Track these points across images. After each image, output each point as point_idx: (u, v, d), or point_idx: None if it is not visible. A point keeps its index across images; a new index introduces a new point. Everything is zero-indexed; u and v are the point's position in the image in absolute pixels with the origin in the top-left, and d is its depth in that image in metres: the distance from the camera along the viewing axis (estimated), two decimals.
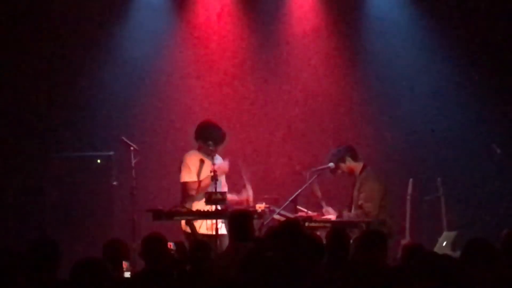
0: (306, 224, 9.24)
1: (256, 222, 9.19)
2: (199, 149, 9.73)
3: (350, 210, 9.76)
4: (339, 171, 9.86)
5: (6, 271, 6.11)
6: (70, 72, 11.84)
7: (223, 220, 9.19)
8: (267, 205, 9.49)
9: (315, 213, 9.61)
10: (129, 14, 12.10)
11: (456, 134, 11.95)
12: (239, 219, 7.72)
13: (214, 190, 9.16)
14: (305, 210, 9.61)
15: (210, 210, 9.20)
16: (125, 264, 7.37)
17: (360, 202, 9.64)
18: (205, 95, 12.19)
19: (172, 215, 9.30)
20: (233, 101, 12.21)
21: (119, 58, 12.00)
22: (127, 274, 7.45)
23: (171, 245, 7.63)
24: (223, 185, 9.71)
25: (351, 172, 9.85)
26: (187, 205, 9.46)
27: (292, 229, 6.93)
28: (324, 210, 9.76)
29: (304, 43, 12.27)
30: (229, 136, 9.95)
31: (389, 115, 12.12)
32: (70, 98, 11.86)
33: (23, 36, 11.70)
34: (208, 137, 9.59)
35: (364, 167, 9.81)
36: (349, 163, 9.81)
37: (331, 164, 9.84)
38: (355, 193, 9.77)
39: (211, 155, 9.54)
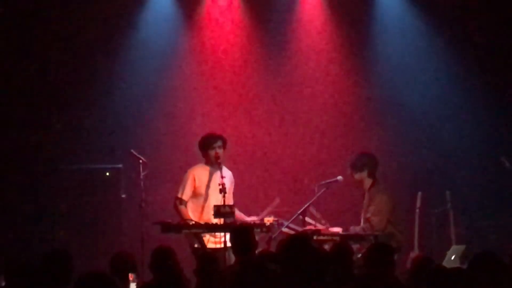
0: (314, 237, 9.23)
1: (264, 236, 9.23)
2: (207, 163, 9.76)
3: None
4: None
5: (17, 282, 6.13)
6: (80, 85, 11.88)
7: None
8: (276, 219, 9.50)
9: (323, 227, 9.60)
10: (138, 27, 12.14)
11: (465, 147, 11.93)
12: (240, 233, 7.74)
13: (222, 203, 9.19)
14: (313, 223, 9.60)
15: (218, 223, 9.22)
16: (131, 276, 7.38)
17: (368, 215, 9.63)
18: (215, 106, 12.21)
19: (180, 228, 9.33)
20: (242, 112, 12.23)
21: (128, 71, 12.03)
22: (133, 286, 7.45)
23: None
24: (230, 200, 9.72)
25: (360, 183, 9.84)
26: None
27: (298, 243, 6.92)
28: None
29: (313, 49, 12.27)
30: (240, 147, 9.93)
31: (399, 127, 12.12)
32: (80, 111, 11.90)
33: (36, 49, 11.76)
34: (209, 145, 9.64)
35: (374, 183, 9.80)
36: (363, 176, 9.79)
37: (340, 178, 9.83)
38: (364, 206, 9.76)
39: (217, 166, 9.56)
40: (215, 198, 9.46)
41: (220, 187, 9.28)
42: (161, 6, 12.23)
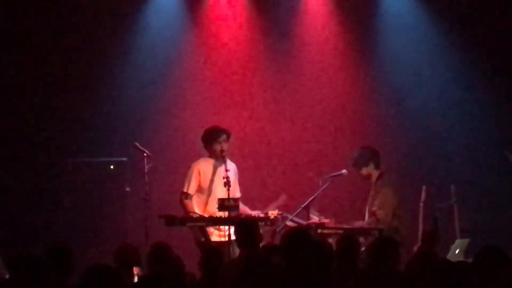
0: (319, 231, 9.23)
1: (268, 229, 9.24)
2: (210, 156, 9.76)
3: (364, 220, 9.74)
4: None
5: (21, 275, 6.14)
6: (84, 78, 11.89)
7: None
8: (280, 212, 9.50)
9: (327, 220, 9.59)
10: (142, 20, 12.15)
11: (470, 141, 11.92)
12: (245, 226, 7.75)
13: (226, 197, 9.19)
14: (317, 219, 9.59)
15: (222, 216, 9.22)
16: (135, 270, 7.39)
17: (373, 209, 9.61)
18: (219, 100, 12.21)
19: (185, 221, 9.32)
20: (247, 106, 12.23)
21: (132, 64, 12.04)
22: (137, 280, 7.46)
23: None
24: (236, 192, 9.72)
25: (367, 177, 9.82)
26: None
27: (302, 236, 6.93)
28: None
29: (318, 44, 12.26)
30: (243, 141, 9.92)
31: (403, 121, 12.11)
32: (84, 104, 11.90)
33: (41, 42, 11.77)
34: (215, 139, 9.62)
35: (381, 175, 9.78)
36: (370, 169, 9.77)
37: (344, 171, 9.83)
38: (370, 200, 9.74)
39: (222, 160, 9.56)
40: (220, 192, 9.46)
41: (225, 180, 9.28)
42: (165, 1, 12.23)
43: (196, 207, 9.62)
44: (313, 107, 12.26)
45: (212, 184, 9.65)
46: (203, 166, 9.71)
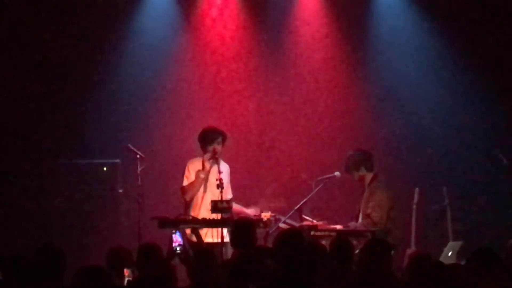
0: (312, 233, 9.22)
1: (261, 231, 9.22)
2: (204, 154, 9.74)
3: (357, 221, 9.72)
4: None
5: (12, 277, 6.13)
6: (77, 80, 11.88)
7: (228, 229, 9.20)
8: (273, 214, 9.49)
9: (320, 222, 9.59)
10: (135, 22, 12.15)
11: (463, 144, 11.93)
12: (241, 227, 7.74)
13: (219, 199, 9.18)
14: (310, 219, 9.59)
15: (215, 218, 9.21)
16: (126, 272, 7.37)
17: (368, 211, 9.58)
18: (212, 102, 12.21)
19: (177, 223, 9.30)
20: (239, 109, 12.23)
21: (125, 66, 12.03)
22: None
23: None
24: (227, 194, 9.71)
25: (361, 180, 9.80)
26: (188, 212, 9.49)
27: (295, 238, 6.93)
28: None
29: (311, 46, 12.27)
30: (236, 143, 9.91)
31: (395, 123, 12.13)
32: (77, 105, 11.89)
33: (34, 44, 11.75)
34: (211, 141, 9.60)
35: (374, 177, 9.76)
36: (362, 173, 9.75)
37: (337, 173, 9.82)
38: (364, 202, 9.71)
39: (215, 161, 9.55)
40: (212, 193, 9.45)
41: (217, 182, 9.27)
42: (158, 3, 12.23)
43: (190, 208, 9.59)
44: (306, 109, 12.27)
45: (205, 185, 9.62)
46: (197, 166, 9.66)
